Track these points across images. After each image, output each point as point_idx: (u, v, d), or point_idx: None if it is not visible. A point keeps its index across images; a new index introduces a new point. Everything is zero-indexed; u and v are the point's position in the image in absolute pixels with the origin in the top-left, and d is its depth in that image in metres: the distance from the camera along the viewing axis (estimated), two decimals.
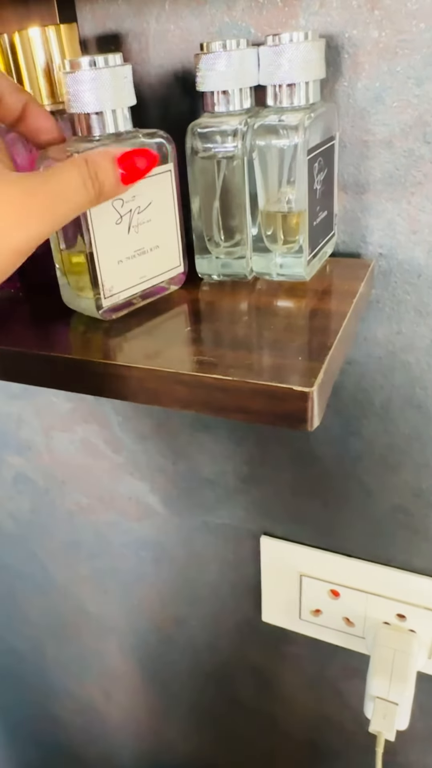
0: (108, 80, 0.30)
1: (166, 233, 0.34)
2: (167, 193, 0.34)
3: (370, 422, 0.46)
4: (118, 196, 0.30)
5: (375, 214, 0.38)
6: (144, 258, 0.34)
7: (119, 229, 0.32)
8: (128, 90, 0.31)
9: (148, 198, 0.33)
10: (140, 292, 0.34)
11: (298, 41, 0.31)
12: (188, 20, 0.38)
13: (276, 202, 0.34)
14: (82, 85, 0.30)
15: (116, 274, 0.33)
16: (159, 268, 0.35)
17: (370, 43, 0.34)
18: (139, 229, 0.33)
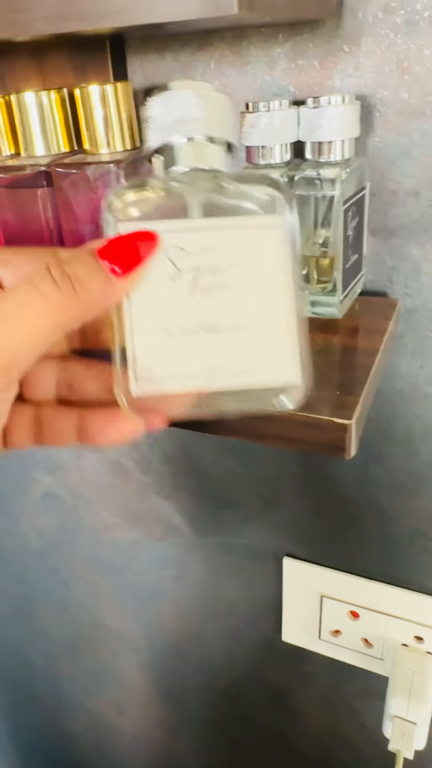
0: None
1: (266, 314, 0.24)
2: (268, 255, 0.24)
3: (392, 450, 0.48)
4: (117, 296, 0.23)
5: (401, 257, 0.41)
6: (217, 339, 0.24)
7: (174, 288, 0.23)
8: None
9: (230, 255, 0.23)
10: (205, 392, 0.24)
11: (336, 104, 0.34)
12: (232, 77, 0.41)
13: (311, 245, 0.37)
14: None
15: (161, 350, 0.23)
16: (247, 362, 0.24)
17: (399, 104, 0.37)
18: (211, 296, 0.23)
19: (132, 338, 0.23)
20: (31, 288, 0.22)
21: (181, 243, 0.23)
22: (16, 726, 1.00)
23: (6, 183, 0.39)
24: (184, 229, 0.23)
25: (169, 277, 0.23)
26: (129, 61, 0.44)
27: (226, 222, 0.23)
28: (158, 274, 0.23)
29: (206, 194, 0.24)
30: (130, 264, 0.23)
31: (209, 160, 0.24)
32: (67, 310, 0.22)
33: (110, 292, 0.23)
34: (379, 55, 0.36)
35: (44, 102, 0.40)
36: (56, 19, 0.25)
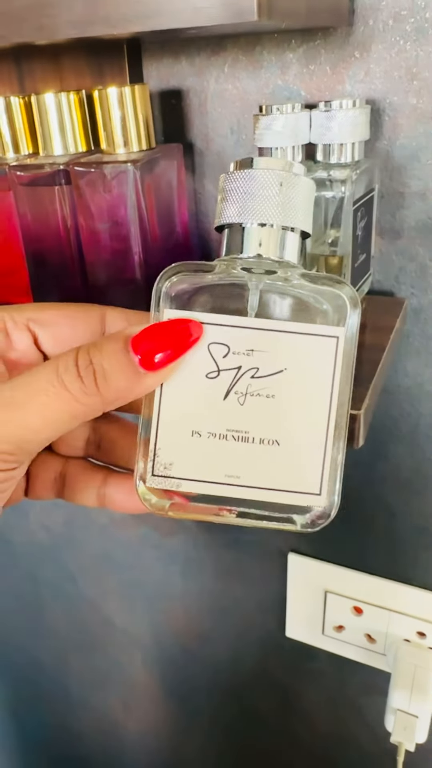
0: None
1: (303, 430, 0.22)
2: (322, 370, 0.22)
3: (397, 447, 0.49)
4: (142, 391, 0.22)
5: (408, 258, 0.42)
6: (245, 449, 0.22)
7: (210, 387, 0.22)
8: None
9: (279, 362, 0.22)
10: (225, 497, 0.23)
11: (347, 108, 0.35)
12: (245, 81, 0.42)
13: (320, 245, 0.39)
14: None
15: (185, 449, 0.22)
16: (272, 478, 0.23)
17: (408, 109, 0.38)
18: (247, 402, 0.22)
19: (157, 431, 0.22)
20: (53, 377, 0.20)
21: (226, 339, 0.22)
22: (23, 724, 1.01)
23: (25, 181, 0.41)
24: (234, 326, 0.22)
25: (206, 375, 0.22)
26: (145, 65, 0.45)
27: (281, 325, 0.22)
28: (196, 369, 0.22)
29: (270, 288, 0.22)
30: (164, 359, 0.21)
31: (281, 250, 0.22)
32: (86, 403, 0.21)
33: (136, 388, 0.21)
34: (388, 61, 0.37)
35: (63, 103, 0.41)
36: (83, 23, 0.26)
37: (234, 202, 0.22)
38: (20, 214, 0.42)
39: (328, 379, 0.22)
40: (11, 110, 0.43)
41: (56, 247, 0.43)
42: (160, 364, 0.21)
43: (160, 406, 0.22)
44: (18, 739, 1.03)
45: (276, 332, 0.22)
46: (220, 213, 0.23)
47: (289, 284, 0.22)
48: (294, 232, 0.22)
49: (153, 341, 0.21)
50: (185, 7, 0.24)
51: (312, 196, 0.23)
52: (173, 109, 0.45)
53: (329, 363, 0.22)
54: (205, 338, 0.22)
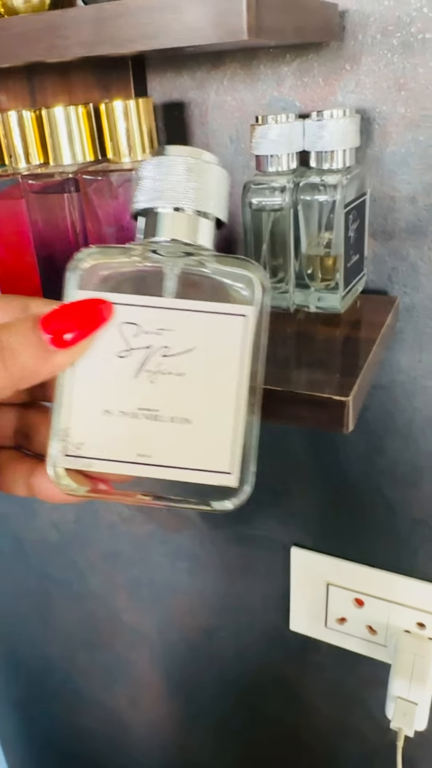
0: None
1: (213, 408, 0.23)
2: (230, 347, 0.22)
3: (394, 441, 0.51)
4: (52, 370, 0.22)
5: (400, 258, 0.44)
6: (156, 428, 0.23)
7: (121, 366, 0.22)
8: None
9: (189, 341, 0.22)
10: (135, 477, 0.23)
11: (337, 117, 0.37)
12: (243, 93, 0.45)
13: (315, 246, 0.41)
14: None
15: (96, 428, 0.23)
16: (183, 456, 0.23)
17: (397, 117, 0.40)
18: (158, 380, 0.22)
19: (70, 411, 0.22)
20: None
21: (137, 319, 0.22)
22: (32, 720, 1.03)
23: (36, 189, 0.43)
24: (145, 306, 0.22)
25: (117, 354, 0.22)
26: (149, 79, 0.48)
27: (190, 305, 0.22)
28: (107, 348, 0.22)
29: (184, 270, 0.23)
30: (74, 338, 0.21)
31: (194, 234, 0.23)
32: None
33: (45, 365, 0.22)
34: (377, 73, 0.40)
35: (72, 116, 0.43)
36: (91, 43, 0.28)
37: (146, 188, 0.23)
38: (32, 220, 0.44)
39: (236, 357, 0.22)
40: (23, 123, 0.45)
41: (66, 251, 0.45)
42: (70, 342, 0.21)
43: (72, 386, 0.22)
44: (26, 736, 1.05)
45: (185, 311, 0.22)
46: (135, 199, 0.24)
47: (202, 266, 0.23)
48: (207, 218, 0.23)
49: (63, 320, 0.21)
50: (182, 28, 0.26)
51: (225, 184, 0.24)
52: (176, 120, 0.48)
53: (237, 341, 0.22)
54: (116, 318, 0.22)
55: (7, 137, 0.46)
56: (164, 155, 0.23)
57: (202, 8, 0.25)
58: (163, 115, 0.48)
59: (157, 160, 0.23)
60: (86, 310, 0.22)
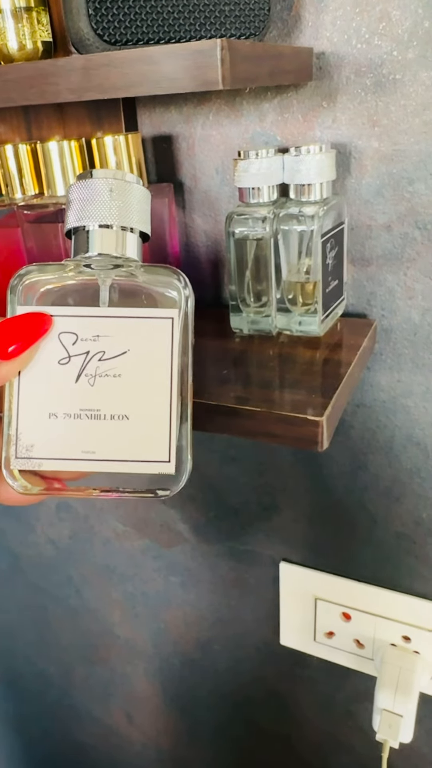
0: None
1: (149, 404, 0.25)
2: (160, 348, 0.25)
3: (376, 458, 0.53)
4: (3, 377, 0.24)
5: (377, 283, 0.46)
6: (98, 426, 0.25)
7: (62, 372, 0.24)
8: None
9: (122, 345, 0.25)
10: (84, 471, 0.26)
11: (314, 153, 0.40)
12: (227, 128, 0.47)
13: (296, 272, 0.43)
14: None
15: (43, 431, 0.25)
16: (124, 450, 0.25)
17: (371, 151, 0.43)
18: (97, 383, 0.25)
19: (17, 416, 0.24)
20: None
21: (75, 329, 0.24)
22: (28, 735, 1.03)
23: (31, 218, 0.46)
24: (81, 315, 0.25)
25: (58, 361, 0.24)
26: (139, 113, 0.50)
27: (121, 312, 0.25)
28: (49, 357, 0.24)
29: (115, 280, 0.25)
30: (18, 348, 0.23)
31: (121, 248, 0.25)
32: None
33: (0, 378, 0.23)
34: (352, 110, 0.42)
35: (65, 150, 0.46)
36: (80, 90, 0.31)
37: (75, 209, 0.25)
38: (27, 248, 0.47)
39: (167, 356, 0.25)
40: (19, 156, 0.48)
41: None
42: (13, 353, 0.23)
43: (18, 393, 0.24)
44: (23, 751, 1.05)
45: (118, 318, 0.24)
46: (66, 220, 0.26)
47: (131, 276, 0.25)
48: (132, 232, 0.25)
49: (5, 333, 0.23)
50: (163, 78, 0.28)
51: (146, 200, 0.26)
52: (164, 152, 0.50)
53: (166, 341, 0.25)
54: (55, 329, 0.24)
55: (3, 168, 0.48)
56: (90, 178, 0.25)
57: (180, 61, 0.28)
58: (153, 147, 0.51)
59: (84, 183, 0.25)
60: (27, 323, 0.23)
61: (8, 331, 0.23)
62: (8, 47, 0.36)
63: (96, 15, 0.33)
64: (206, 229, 0.50)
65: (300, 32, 0.42)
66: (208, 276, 0.53)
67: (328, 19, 0.41)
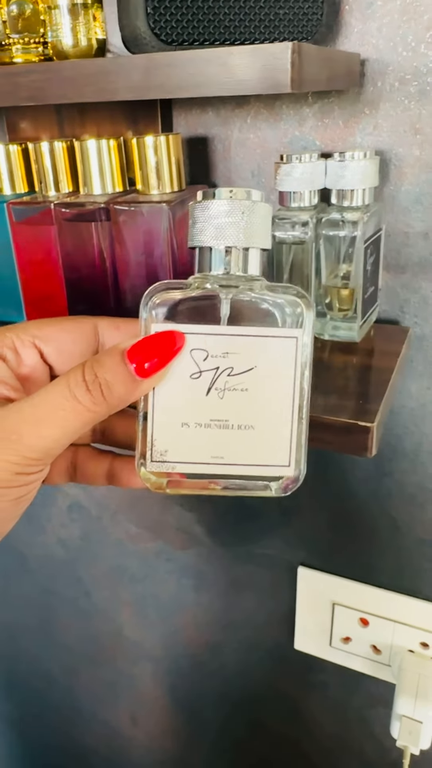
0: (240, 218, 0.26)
1: (273, 415, 0.27)
2: (285, 365, 0.27)
3: (401, 464, 0.53)
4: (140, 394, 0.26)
5: (412, 290, 0.46)
6: (226, 435, 0.27)
7: (194, 386, 0.26)
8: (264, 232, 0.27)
9: (250, 361, 0.26)
10: (212, 474, 0.28)
11: (359, 158, 0.40)
12: (265, 131, 0.47)
13: (333, 278, 0.43)
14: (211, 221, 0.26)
15: (176, 438, 0.27)
16: (249, 455, 0.27)
17: (412, 159, 0.43)
18: (225, 396, 0.27)
19: (152, 425, 0.27)
20: (67, 393, 0.24)
21: (205, 346, 0.26)
22: (32, 737, 1.02)
23: (68, 216, 0.45)
24: (210, 333, 0.26)
25: (190, 375, 0.26)
26: (175, 114, 0.50)
27: (249, 330, 0.26)
28: (181, 371, 0.26)
29: (239, 299, 0.27)
30: (155, 366, 0.25)
31: (244, 266, 0.27)
32: (96, 411, 0.25)
33: (135, 392, 0.25)
34: (395, 117, 0.42)
35: (104, 148, 0.46)
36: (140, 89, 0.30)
37: (204, 229, 0.26)
38: (62, 245, 0.46)
39: (290, 373, 0.27)
40: (54, 153, 0.47)
41: (91, 275, 0.47)
42: (151, 370, 0.25)
43: (153, 404, 0.26)
44: (27, 753, 1.04)
45: (246, 336, 0.26)
46: (193, 237, 0.27)
47: (254, 294, 0.27)
48: (255, 250, 0.27)
49: (145, 352, 0.25)
50: (230, 80, 0.28)
51: (269, 217, 0.27)
52: (199, 154, 0.50)
53: (291, 359, 0.26)
54: (187, 346, 0.26)
55: (38, 165, 0.48)
56: (216, 198, 0.26)
57: (250, 62, 0.28)
58: (188, 148, 0.50)
59: (210, 203, 0.26)
60: (164, 341, 0.25)
61: (146, 349, 0.25)
62: (62, 43, 0.35)
63: (155, 14, 0.33)
64: None
65: (345, 38, 0.42)
66: None
67: (375, 26, 0.41)
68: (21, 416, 0.24)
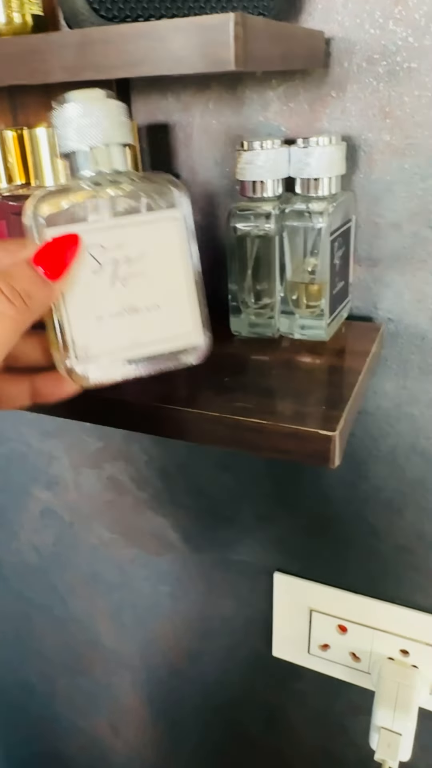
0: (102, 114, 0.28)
1: (172, 292, 0.29)
2: (171, 244, 0.29)
3: (378, 467, 0.50)
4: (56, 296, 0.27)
5: (385, 285, 0.44)
6: (137, 318, 0.29)
7: (98, 281, 0.28)
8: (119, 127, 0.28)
9: (141, 247, 0.28)
10: (136, 358, 0.29)
11: (324, 144, 0.37)
12: (228, 117, 0.44)
13: (300, 272, 0.40)
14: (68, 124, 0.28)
15: (94, 333, 0.28)
16: (161, 332, 0.30)
17: (382, 145, 0.40)
18: (128, 283, 0.28)
19: (69, 325, 0.28)
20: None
21: (100, 241, 0.28)
22: (11, 748, 1.00)
23: (17, 210, 0.42)
24: (101, 228, 0.28)
25: (92, 271, 0.28)
26: (133, 100, 0.47)
27: (133, 220, 0.28)
28: (84, 270, 0.27)
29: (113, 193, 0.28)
30: (62, 267, 0.26)
31: (110, 162, 0.28)
32: (22, 320, 0.26)
33: (51, 296, 0.27)
34: (363, 100, 0.40)
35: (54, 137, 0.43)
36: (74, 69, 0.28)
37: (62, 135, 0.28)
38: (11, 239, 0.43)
39: (179, 249, 0.29)
40: (4, 143, 0.44)
41: None
42: (59, 271, 0.26)
43: (66, 306, 0.28)
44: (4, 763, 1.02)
45: (132, 225, 0.28)
46: (59, 144, 0.28)
47: (131, 187, 0.28)
48: (118, 146, 0.28)
49: (49, 256, 0.26)
50: (168, 56, 0.26)
51: (124, 112, 0.28)
52: (160, 142, 0.47)
53: (175, 237, 0.29)
54: (83, 245, 0.27)
55: None
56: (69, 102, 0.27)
57: (189, 38, 0.25)
58: (147, 136, 0.48)
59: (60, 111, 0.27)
60: (63, 243, 0.26)
61: (49, 253, 0.26)
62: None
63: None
64: (204, 224, 0.47)
65: (308, 15, 0.39)
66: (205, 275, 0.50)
67: (340, 1, 0.38)
68: None
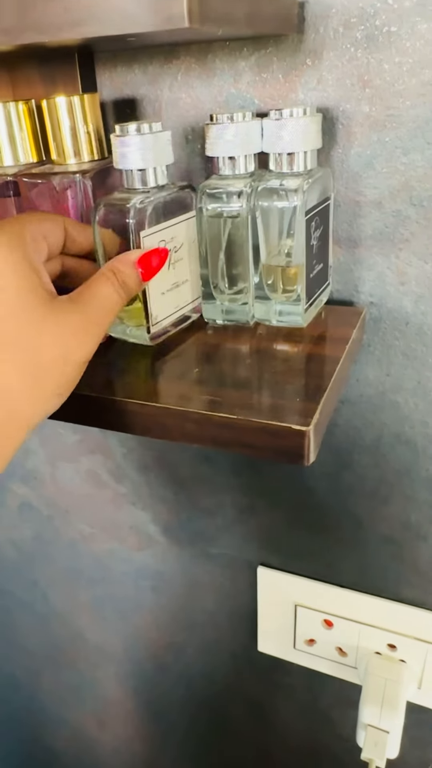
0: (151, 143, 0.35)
1: (192, 268, 0.40)
2: (193, 234, 0.39)
3: (362, 457, 0.48)
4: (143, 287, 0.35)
5: (366, 267, 0.41)
6: (178, 290, 0.39)
7: (164, 267, 0.36)
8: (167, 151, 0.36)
9: (181, 240, 0.38)
10: (174, 320, 0.39)
11: (298, 116, 0.34)
12: (198, 90, 0.42)
13: (276, 255, 0.38)
14: (130, 147, 0.35)
15: (160, 304, 0.37)
16: (186, 298, 0.40)
17: (361, 116, 0.38)
18: (175, 266, 0.38)
19: (149, 301, 0.36)
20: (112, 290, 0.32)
21: (164, 237, 0.36)
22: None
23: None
24: (167, 227, 0.36)
25: None
26: (98, 73, 0.44)
27: (178, 219, 0.37)
28: None
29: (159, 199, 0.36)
30: (154, 271, 0.34)
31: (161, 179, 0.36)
32: (122, 305, 0.33)
33: (141, 287, 0.34)
34: (340, 69, 0.37)
35: (12, 113, 0.40)
36: (14, 30, 0.25)
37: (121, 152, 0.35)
38: None
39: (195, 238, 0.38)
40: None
41: None
42: (152, 274, 0.34)
43: (149, 289, 0.36)
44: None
45: (175, 224, 0.37)
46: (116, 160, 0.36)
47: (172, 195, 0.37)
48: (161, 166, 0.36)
49: (148, 262, 0.34)
50: (114, 14, 0.23)
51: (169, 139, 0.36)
52: (128, 118, 0.44)
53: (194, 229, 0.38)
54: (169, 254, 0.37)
55: None
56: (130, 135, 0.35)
57: None
58: (114, 111, 0.45)
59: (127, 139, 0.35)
60: (158, 254, 0.34)
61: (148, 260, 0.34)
62: None
63: None
64: None
65: None
66: None
67: None
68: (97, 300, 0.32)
